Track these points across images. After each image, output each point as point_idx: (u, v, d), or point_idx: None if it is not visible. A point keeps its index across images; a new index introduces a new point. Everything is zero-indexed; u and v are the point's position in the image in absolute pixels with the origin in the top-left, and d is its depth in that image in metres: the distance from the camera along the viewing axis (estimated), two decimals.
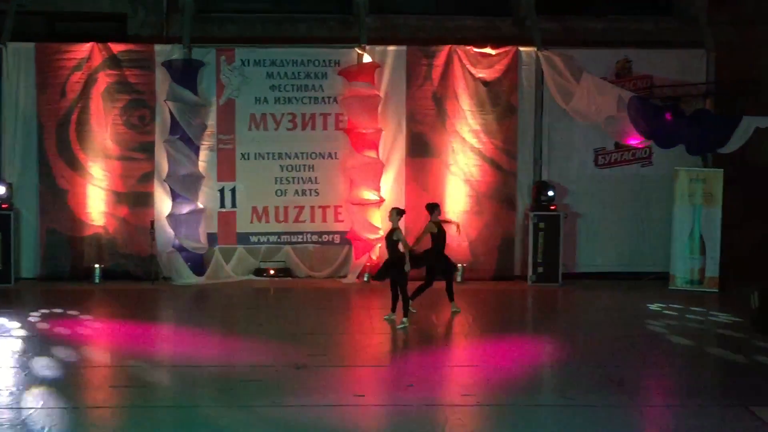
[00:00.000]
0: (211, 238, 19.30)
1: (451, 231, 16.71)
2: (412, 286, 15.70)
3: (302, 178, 19.45)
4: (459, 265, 18.63)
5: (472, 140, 19.46)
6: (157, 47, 19.14)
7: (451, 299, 16.30)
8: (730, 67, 19.46)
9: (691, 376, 13.01)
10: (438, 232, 16.04)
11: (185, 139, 18.82)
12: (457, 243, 19.27)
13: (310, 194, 19.48)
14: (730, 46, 19.65)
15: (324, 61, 19.39)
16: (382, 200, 19.17)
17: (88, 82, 18.92)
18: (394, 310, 15.58)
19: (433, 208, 16.27)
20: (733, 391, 12.25)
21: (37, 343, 14.11)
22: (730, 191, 18.92)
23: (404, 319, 15.22)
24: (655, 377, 13.03)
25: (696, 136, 18.47)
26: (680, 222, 18.97)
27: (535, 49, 19.39)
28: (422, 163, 19.48)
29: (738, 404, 11.59)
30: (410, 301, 15.49)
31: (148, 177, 19.17)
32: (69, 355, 13.53)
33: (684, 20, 20.11)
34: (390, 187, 19.37)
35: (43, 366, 12.85)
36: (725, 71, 19.45)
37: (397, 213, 15.62)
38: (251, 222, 19.41)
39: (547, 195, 19.16)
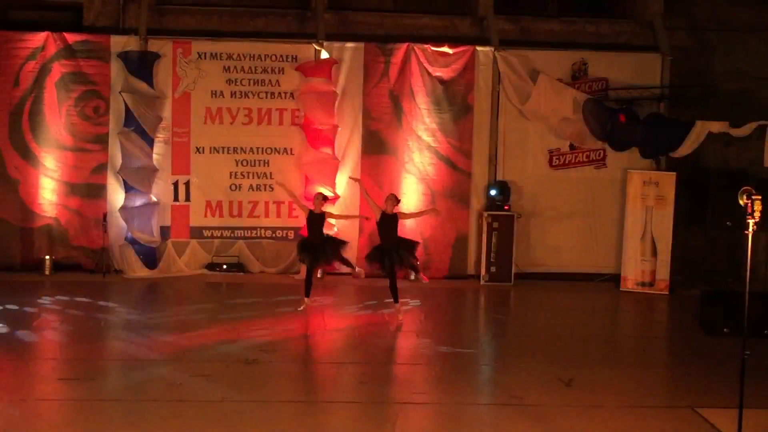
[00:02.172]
0: (164, 232, 19.18)
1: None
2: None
3: (257, 173, 19.38)
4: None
5: (428, 139, 19.50)
6: (113, 38, 18.96)
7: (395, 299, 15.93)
8: (684, 72, 19.66)
9: (638, 377, 13.13)
10: (382, 221, 15.69)
11: (140, 131, 18.69)
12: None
13: (265, 189, 19.42)
14: (684, 51, 19.87)
15: (281, 56, 19.32)
16: (336, 197, 19.16)
17: (42, 72, 18.73)
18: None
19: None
20: (680, 392, 12.39)
21: None
22: (682, 194, 19.11)
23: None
24: (604, 377, 13.12)
25: (649, 139, 18.68)
26: (632, 224, 19.13)
27: (493, 49, 19.46)
28: (378, 160, 19.49)
29: (684, 406, 11.73)
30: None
31: (101, 168, 19.00)
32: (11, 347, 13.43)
33: (640, 24, 20.28)
34: (345, 184, 19.35)
35: None
36: (679, 76, 19.63)
37: (323, 197, 16.47)
38: (205, 216, 19.32)
39: (501, 195, 19.24)
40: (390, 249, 15.63)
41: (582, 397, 12.06)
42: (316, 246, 16.02)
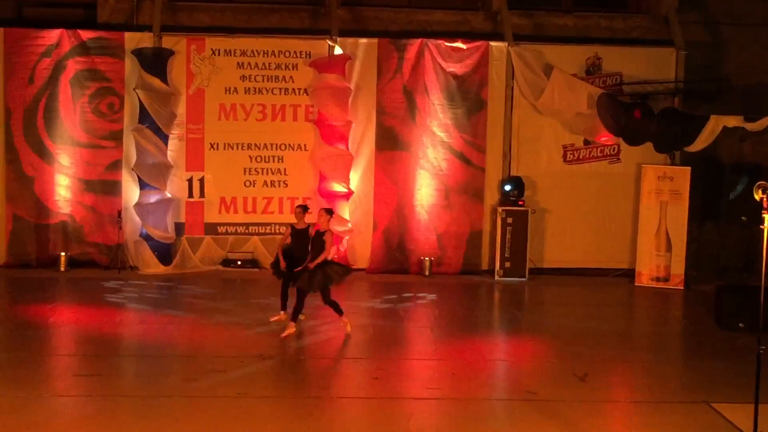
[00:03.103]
0: (179, 228, 19.22)
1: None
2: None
3: (271, 169, 19.41)
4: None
5: (442, 134, 19.48)
6: (127, 35, 19.01)
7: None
8: (699, 67, 19.60)
9: (652, 372, 13.11)
10: (295, 236, 14.54)
11: (154, 128, 18.73)
12: (425, 237, 19.37)
13: (279, 185, 19.44)
14: (698, 45, 19.79)
15: (295, 52, 19.34)
16: (351, 192, 19.17)
17: (57, 69, 18.78)
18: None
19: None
20: (695, 387, 12.37)
21: None
22: (696, 189, 19.06)
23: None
24: (618, 373, 13.11)
25: (664, 134, 18.61)
26: (647, 219, 19.08)
27: (506, 44, 19.43)
28: (392, 156, 19.48)
29: (699, 401, 11.71)
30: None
31: (116, 165, 19.05)
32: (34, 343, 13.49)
33: (654, 19, 20.22)
34: (359, 179, 19.37)
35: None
36: (694, 70, 19.57)
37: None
38: (219, 212, 19.35)
39: (516, 190, 19.21)
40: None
41: (596, 392, 12.05)
42: (317, 266, 14.05)
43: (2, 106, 18.75)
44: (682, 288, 18.81)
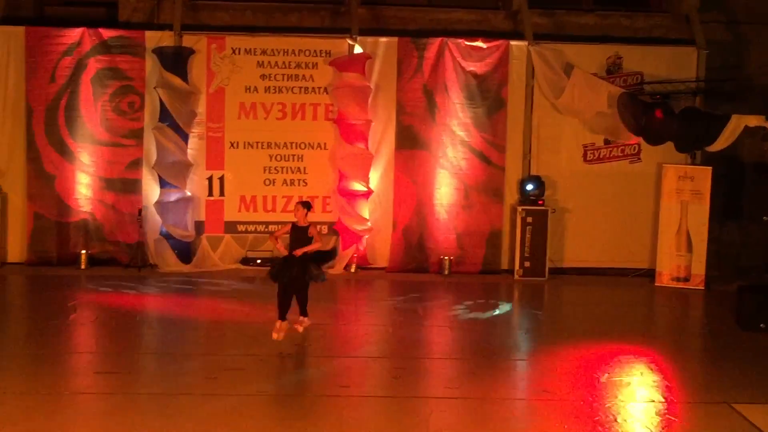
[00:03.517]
0: (199, 227, 19.27)
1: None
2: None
3: (291, 168, 19.43)
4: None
5: (462, 133, 19.46)
6: (148, 34, 19.05)
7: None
8: (720, 66, 19.52)
9: (673, 373, 13.06)
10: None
11: (174, 126, 18.78)
12: (445, 236, 19.35)
13: (299, 184, 19.47)
14: (720, 44, 19.71)
15: (315, 51, 19.35)
16: (370, 191, 19.18)
17: (78, 68, 18.85)
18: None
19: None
20: (716, 388, 12.32)
21: None
22: (717, 189, 18.98)
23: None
24: (638, 373, 13.05)
25: (685, 133, 18.52)
26: (667, 219, 19.01)
27: (527, 43, 19.39)
28: (411, 155, 19.47)
29: (720, 401, 11.66)
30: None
31: (136, 164, 19.11)
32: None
33: (675, 18, 20.14)
34: (379, 178, 19.37)
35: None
36: (715, 69, 19.49)
37: (303, 206, 13.88)
38: (239, 211, 19.39)
39: (536, 190, 19.17)
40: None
41: (615, 392, 12.01)
42: (296, 263, 13.51)
43: (24, 104, 18.83)
44: (703, 288, 18.72)
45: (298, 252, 13.43)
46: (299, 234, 13.65)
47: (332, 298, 17.02)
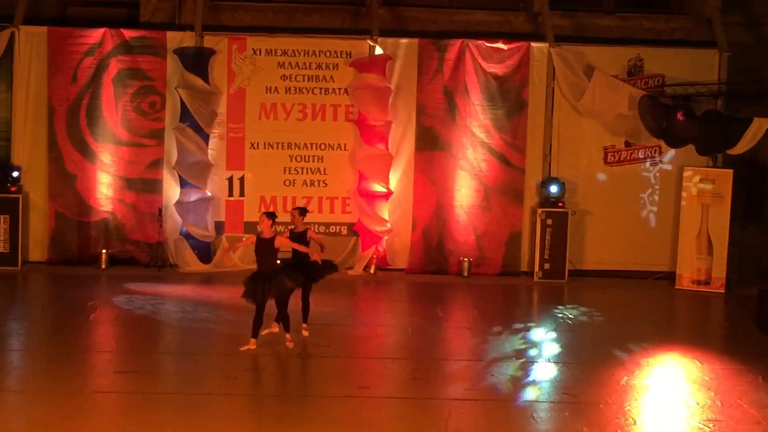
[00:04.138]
0: (219, 227, 19.31)
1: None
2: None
3: (311, 168, 19.45)
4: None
5: (482, 135, 19.43)
6: (169, 34, 19.12)
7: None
8: (742, 68, 19.42)
9: (691, 376, 13.02)
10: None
11: (195, 126, 18.83)
12: (464, 238, 19.33)
13: (318, 185, 19.49)
14: (742, 47, 19.61)
15: (335, 52, 19.38)
16: (390, 192, 19.18)
17: (100, 68, 18.93)
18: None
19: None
20: (735, 391, 12.27)
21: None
22: (739, 191, 18.89)
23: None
24: (657, 376, 13.02)
25: (706, 136, 18.44)
26: (688, 221, 18.93)
27: (548, 45, 19.35)
28: (431, 156, 19.46)
29: (740, 405, 11.63)
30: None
31: (157, 164, 19.17)
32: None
33: (696, 20, 20.06)
34: (398, 179, 19.37)
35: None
36: (737, 72, 19.40)
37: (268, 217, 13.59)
38: (259, 211, 19.32)
39: (556, 192, 19.12)
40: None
41: (635, 395, 11.98)
42: (266, 277, 13.21)
43: (46, 104, 18.93)
44: (724, 291, 18.64)
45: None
46: (265, 246, 13.20)
47: (352, 299, 17.05)
